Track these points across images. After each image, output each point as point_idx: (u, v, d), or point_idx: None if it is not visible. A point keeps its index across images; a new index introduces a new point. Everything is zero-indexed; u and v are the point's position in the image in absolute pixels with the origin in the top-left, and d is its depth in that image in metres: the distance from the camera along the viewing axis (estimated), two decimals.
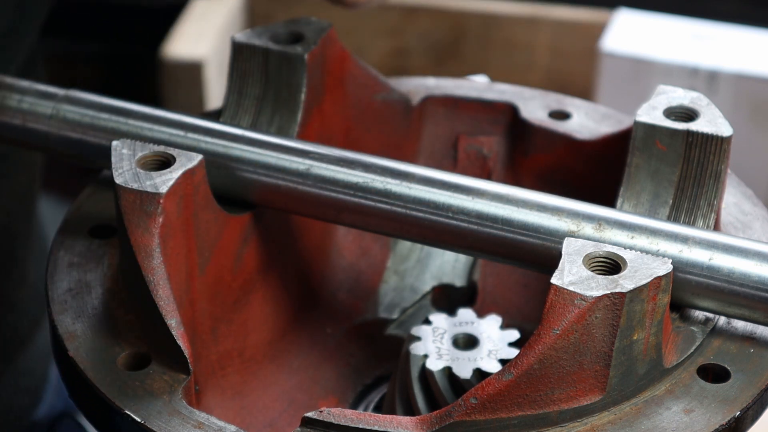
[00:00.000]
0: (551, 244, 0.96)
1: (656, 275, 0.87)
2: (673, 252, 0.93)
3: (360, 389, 1.13)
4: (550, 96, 1.20)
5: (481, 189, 0.99)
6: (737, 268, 0.92)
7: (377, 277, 1.18)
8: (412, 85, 1.21)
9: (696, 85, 2.33)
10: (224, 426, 0.88)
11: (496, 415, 0.87)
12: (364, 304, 1.16)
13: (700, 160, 1.00)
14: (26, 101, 1.14)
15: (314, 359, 1.13)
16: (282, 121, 1.10)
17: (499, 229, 0.98)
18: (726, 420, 0.89)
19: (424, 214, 1.00)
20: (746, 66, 2.33)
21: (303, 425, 0.88)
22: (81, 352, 0.94)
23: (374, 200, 1.01)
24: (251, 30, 1.11)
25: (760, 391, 0.91)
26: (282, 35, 1.10)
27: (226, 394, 1.06)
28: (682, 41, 2.40)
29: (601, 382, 0.88)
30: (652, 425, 0.89)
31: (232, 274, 1.06)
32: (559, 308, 0.86)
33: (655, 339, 0.89)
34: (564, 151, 1.14)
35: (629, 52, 2.37)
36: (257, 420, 1.07)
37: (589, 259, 0.88)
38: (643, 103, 1.02)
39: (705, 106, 1.02)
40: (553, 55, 2.62)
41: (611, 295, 0.86)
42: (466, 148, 1.18)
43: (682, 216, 1.00)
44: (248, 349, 1.09)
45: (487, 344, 1.04)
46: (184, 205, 0.99)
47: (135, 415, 0.89)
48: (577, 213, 0.97)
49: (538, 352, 0.86)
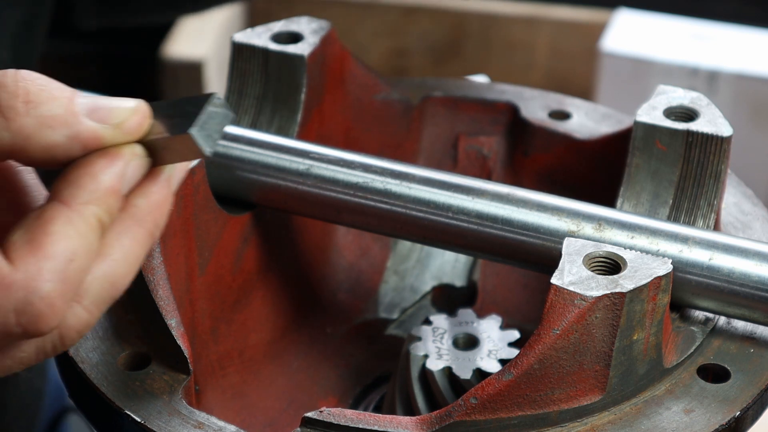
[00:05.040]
0: (551, 244, 0.96)
1: (656, 275, 0.87)
2: (673, 252, 0.93)
3: (360, 389, 1.13)
4: (550, 96, 1.20)
5: (481, 189, 0.99)
6: (737, 268, 0.92)
7: (377, 277, 1.18)
8: (412, 85, 1.21)
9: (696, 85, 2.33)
10: (224, 426, 0.88)
11: (496, 415, 0.87)
12: (364, 304, 1.16)
13: (700, 160, 1.00)
14: None
15: (314, 359, 1.13)
16: (282, 121, 1.10)
17: (499, 229, 0.98)
18: (726, 420, 0.89)
19: (424, 214, 1.00)
20: (746, 66, 2.34)
21: (303, 425, 0.88)
22: (81, 352, 0.94)
23: (374, 200, 1.01)
24: (251, 30, 1.11)
25: (760, 391, 0.91)
26: (282, 35, 1.10)
27: (226, 394, 1.06)
28: (682, 41, 2.40)
29: (601, 382, 0.88)
30: (652, 425, 0.89)
31: (232, 274, 1.06)
32: (559, 308, 0.86)
33: (655, 339, 0.89)
34: (564, 151, 1.14)
35: (629, 52, 2.37)
36: (257, 420, 1.07)
37: (589, 259, 0.88)
38: (643, 103, 1.02)
39: (705, 106, 1.02)
40: (553, 55, 2.62)
41: (611, 295, 0.86)
42: (466, 148, 1.18)
43: (682, 216, 1.00)
44: (248, 349, 1.09)
45: (487, 344, 1.04)
46: (183, 205, 0.99)
47: (135, 415, 0.89)
48: (577, 213, 0.97)
49: (538, 352, 0.86)
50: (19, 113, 0.76)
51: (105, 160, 0.77)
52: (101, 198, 0.77)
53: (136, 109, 0.79)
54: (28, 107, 0.76)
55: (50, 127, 0.76)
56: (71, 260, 0.75)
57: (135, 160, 0.79)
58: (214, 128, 0.79)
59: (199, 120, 0.78)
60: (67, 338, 0.77)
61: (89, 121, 0.77)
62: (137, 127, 0.79)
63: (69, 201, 0.76)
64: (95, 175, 0.77)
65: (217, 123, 0.80)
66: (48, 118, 0.76)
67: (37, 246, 0.75)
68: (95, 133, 0.77)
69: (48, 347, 0.78)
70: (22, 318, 0.74)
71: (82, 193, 0.76)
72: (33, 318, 0.74)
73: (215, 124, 0.79)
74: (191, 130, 0.78)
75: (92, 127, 0.77)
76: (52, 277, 0.74)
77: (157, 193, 0.81)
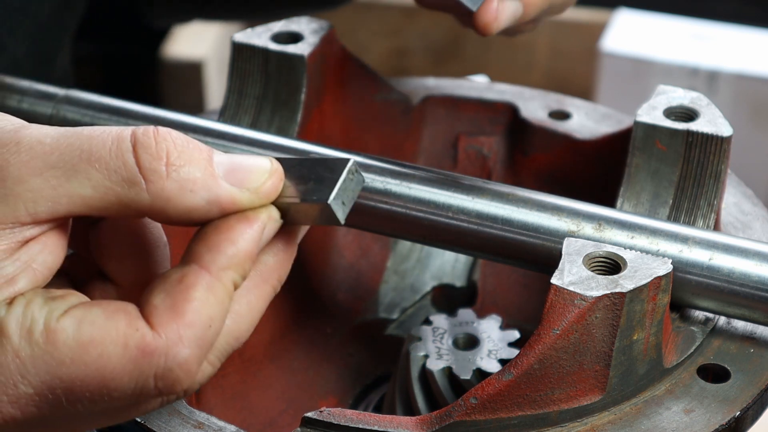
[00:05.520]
0: (551, 244, 0.96)
1: (656, 275, 0.87)
2: (673, 252, 0.93)
3: (360, 389, 1.13)
4: (550, 96, 1.20)
5: (481, 189, 0.99)
6: (737, 268, 0.92)
7: (377, 277, 1.18)
8: (412, 85, 1.21)
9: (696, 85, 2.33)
10: (224, 426, 0.88)
11: (496, 415, 0.87)
12: (364, 304, 1.16)
13: (700, 160, 1.00)
14: (26, 101, 1.14)
15: (314, 359, 1.13)
16: (282, 121, 1.10)
17: (499, 229, 0.98)
18: (726, 420, 0.89)
19: (424, 214, 1.00)
20: (746, 66, 2.34)
21: (303, 425, 0.88)
22: None
23: (374, 200, 1.01)
24: (251, 30, 1.11)
25: (760, 391, 0.91)
26: (282, 35, 1.11)
27: (226, 394, 1.06)
28: (682, 41, 2.40)
29: (601, 382, 0.88)
30: (652, 425, 0.89)
31: None
32: (559, 308, 0.86)
33: (655, 339, 0.89)
34: (564, 151, 1.14)
35: (629, 52, 2.37)
36: (257, 420, 1.07)
37: (589, 259, 0.88)
38: (643, 103, 1.02)
39: (705, 106, 1.02)
40: (553, 55, 2.62)
41: (611, 295, 0.86)
42: (466, 148, 1.18)
43: (682, 216, 1.00)
44: (248, 349, 1.09)
45: (487, 344, 1.04)
46: None
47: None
48: (577, 213, 0.97)
49: (538, 352, 0.86)
50: (161, 176, 0.76)
51: (244, 225, 0.78)
52: (239, 264, 0.77)
53: (272, 172, 0.79)
54: (170, 170, 0.76)
55: (191, 191, 0.77)
56: (209, 326, 0.77)
57: (271, 224, 0.79)
58: (348, 195, 0.79)
59: (336, 188, 0.78)
60: (190, 390, 0.79)
61: (227, 185, 0.78)
62: (274, 191, 0.79)
63: (209, 267, 0.77)
64: (235, 241, 0.77)
65: (352, 190, 0.79)
66: (189, 181, 0.77)
67: (180, 313, 0.76)
68: (233, 197, 0.78)
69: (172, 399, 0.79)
70: (160, 382, 0.76)
71: (222, 258, 0.77)
72: (170, 382, 0.76)
73: (350, 191, 0.79)
74: (330, 200, 0.78)
75: (231, 192, 0.78)
76: (191, 344, 0.76)
77: (285, 252, 0.82)
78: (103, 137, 0.76)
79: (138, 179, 0.76)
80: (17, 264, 0.76)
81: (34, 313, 0.75)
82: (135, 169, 0.76)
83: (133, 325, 0.75)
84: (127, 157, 0.76)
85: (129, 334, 0.75)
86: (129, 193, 0.76)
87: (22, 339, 0.74)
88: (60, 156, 0.76)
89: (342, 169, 0.79)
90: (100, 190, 0.76)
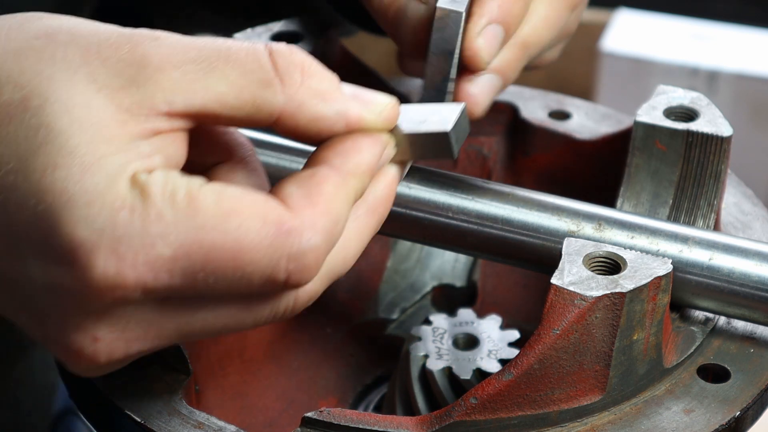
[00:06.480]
0: (551, 244, 0.96)
1: (656, 275, 0.87)
2: (673, 252, 0.93)
3: (360, 389, 1.13)
4: (550, 96, 1.20)
5: (481, 189, 0.99)
6: (737, 268, 0.92)
7: (377, 277, 1.18)
8: (412, 85, 1.20)
9: (696, 85, 2.33)
10: (224, 426, 0.88)
11: (496, 415, 0.87)
12: (364, 304, 1.16)
13: (700, 160, 1.00)
14: None
15: (314, 359, 1.13)
16: None
17: (499, 229, 0.98)
18: (726, 420, 0.89)
19: (424, 214, 1.00)
20: (746, 66, 2.34)
21: (303, 425, 0.88)
22: None
23: None
24: (251, 30, 1.11)
25: (760, 391, 0.91)
26: (282, 35, 1.10)
27: (226, 394, 1.06)
28: (682, 41, 2.40)
29: (601, 382, 0.88)
30: (652, 425, 0.89)
31: None
32: (559, 308, 0.86)
33: (655, 339, 0.89)
34: (564, 151, 1.14)
35: (629, 52, 2.37)
36: (257, 420, 1.07)
37: (589, 259, 0.88)
38: (643, 103, 1.02)
39: (705, 106, 1.02)
40: None
41: (611, 295, 0.86)
42: (466, 148, 1.18)
43: (682, 216, 1.00)
44: (248, 349, 1.09)
45: (487, 344, 1.04)
46: None
47: (135, 415, 0.89)
48: (577, 213, 0.97)
49: (538, 352, 0.86)
50: (296, 82, 0.79)
51: (370, 140, 0.81)
52: (362, 174, 0.80)
53: (393, 104, 0.83)
54: (304, 77, 0.79)
55: (323, 100, 0.79)
56: (337, 222, 0.78)
57: (389, 148, 0.82)
58: (461, 135, 0.83)
59: (454, 120, 0.82)
60: (298, 305, 0.79)
61: (355, 102, 0.81)
62: (395, 117, 0.83)
63: (339, 168, 0.79)
64: (361, 150, 0.80)
65: (463, 131, 0.84)
66: (321, 91, 0.79)
67: (314, 202, 0.77)
68: (360, 113, 0.81)
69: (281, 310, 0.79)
70: (291, 265, 0.76)
71: (349, 162, 0.79)
72: (300, 267, 0.76)
73: (462, 131, 0.83)
74: (450, 129, 0.82)
75: (358, 108, 0.81)
76: (323, 233, 0.76)
77: (389, 188, 0.84)
78: (238, 44, 0.79)
79: (274, 81, 0.78)
80: (152, 146, 0.76)
81: (177, 180, 0.75)
82: (272, 72, 0.78)
83: (271, 203, 0.76)
84: (264, 61, 0.78)
85: (268, 210, 0.76)
86: (264, 93, 0.78)
87: (165, 201, 0.74)
88: (198, 52, 0.77)
89: (456, 108, 0.83)
90: (236, 88, 0.77)
